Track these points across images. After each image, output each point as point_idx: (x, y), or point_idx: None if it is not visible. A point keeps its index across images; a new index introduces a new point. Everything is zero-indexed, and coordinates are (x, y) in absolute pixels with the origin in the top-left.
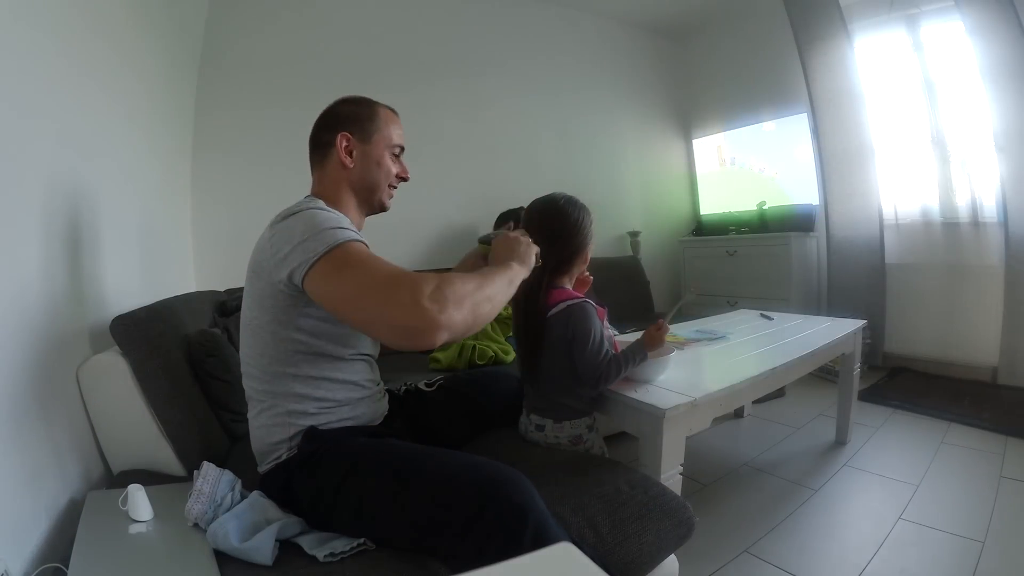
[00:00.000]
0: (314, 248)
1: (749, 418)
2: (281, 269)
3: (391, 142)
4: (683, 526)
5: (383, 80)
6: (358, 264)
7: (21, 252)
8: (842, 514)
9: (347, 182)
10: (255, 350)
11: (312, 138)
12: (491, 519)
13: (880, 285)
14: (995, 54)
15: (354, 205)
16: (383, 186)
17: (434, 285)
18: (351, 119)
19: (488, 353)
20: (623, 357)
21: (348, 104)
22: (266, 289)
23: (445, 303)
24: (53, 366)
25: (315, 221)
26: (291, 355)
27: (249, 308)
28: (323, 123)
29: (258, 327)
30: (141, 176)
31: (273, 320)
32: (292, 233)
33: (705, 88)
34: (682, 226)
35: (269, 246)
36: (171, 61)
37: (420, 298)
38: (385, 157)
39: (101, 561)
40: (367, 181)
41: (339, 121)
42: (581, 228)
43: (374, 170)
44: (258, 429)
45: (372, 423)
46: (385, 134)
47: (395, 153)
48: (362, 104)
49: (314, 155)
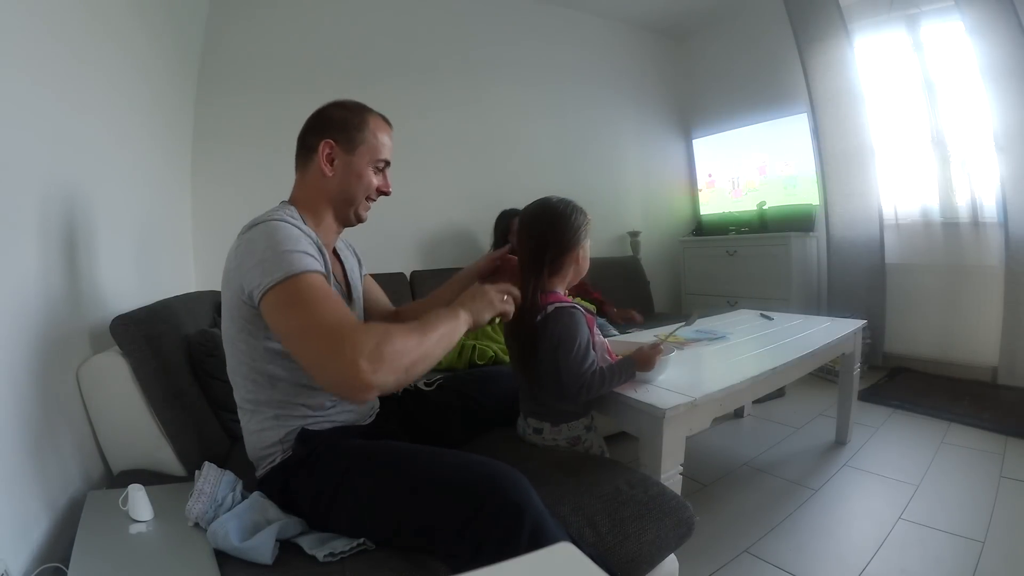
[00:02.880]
0: (270, 272)
1: (749, 418)
2: (243, 282)
3: (377, 155)
4: (683, 526)
5: (383, 79)
6: (309, 301)
7: (21, 252)
8: (842, 514)
9: (325, 191)
10: (234, 359)
11: (299, 137)
12: (487, 517)
13: (880, 285)
14: (995, 54)
15: (330, 215)
16: (360, 199)
17: (373, 344)
18: (339, 126)
19: (488, 353)
20: (610, 371)
21: (340, 108)
22: (232, 300)
23: (380, 364)
24: (53, 366)
25: (276, 238)
26: (266, 364)
27: (224, 318)
28: (311, 125)
29: (231, 338)
30: (141, 176)
31: (242, 330)
32: (254, 246)
33: (705, 88)
34: (682, 226)
35: (235, 256)
36: (171, 58)
37: (357, 357)
38: (367, 170)
39: (101, 561)
40: (345, 193)
41: (326, 126)
42: (570, 226)
43: (353, 183)
44: (250, 435)
45: (363, 421)
46: (372, 145)
47: (379, 167)
48: (354, 111)
49: (299, 156)
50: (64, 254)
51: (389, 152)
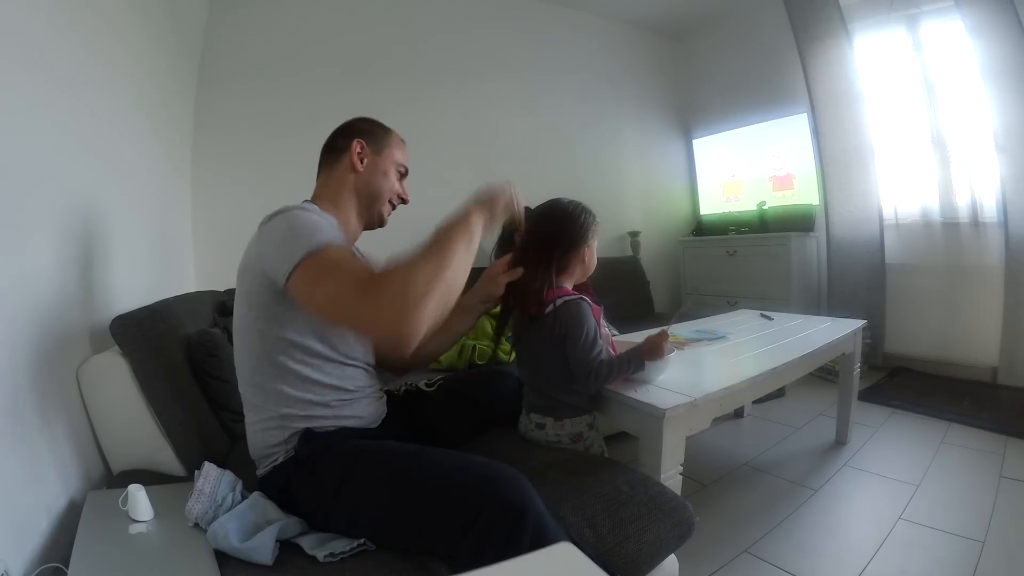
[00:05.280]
0: (292, 251)
1: (749, 418)
2: (265, 268)
3: (399, 161)
4: (683, 526)
5: (384, 78)
6: (334, 269)
7: (21, 252)
8: (842, 514)
9: (353, 185)
10: (244, 350)
11: (327, 144)
12: (489, 519)
13: (880, 285)
14: (995, 54)
15: (355, 210)
16: (385, 198)
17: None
18: (367, 132)
19: (488, 353)
20: (619, 360)
21: (365, 122)
22: (253, 286)
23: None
24: (53, 366)
25: (297, 223)
26: (279, 354)
27: (238, 308)
28: (340, 131)
29: (245, 325)
30: (141, 176)
31: (260, 317)
32: (274, 232)
33: (705, 88)
34: (682, 226)
35: (255, 245)
36: (172, 56)
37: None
38: (392, 172)
39: (101, 561)
40: (372, 187)
41: (356, 131)
42: (579, 225)
43: (381, 179)
44: (254, 434)
45: (370, 426)
46: (395, 152)
47: (400, 172)
48: (377, 124)
49: (325, 158)
50: (65, 254)
51: (407, 162)
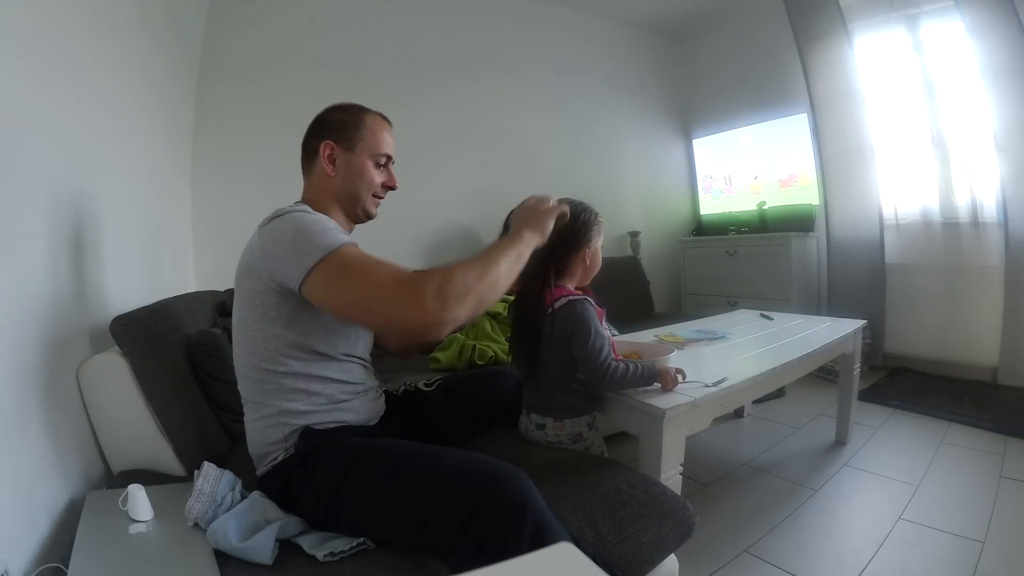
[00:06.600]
0: (308, 253)
1: (749, 418)
2: (273, 270)
3: (376, 151)
4: (683, 526)
5: (384, 77)
6: (358, 269)
7: (21, 252)
8: (842, 514)
9: (330, 191)
10: (244, 349)
11: (303, 144)
12: (490, 516)
13: (880, 285)
14: (995, 54)
15: (340, 213)
16: (365, 196)
17: (436, 285)
18: (337, 127)
19: (488, 353)
20: (634, 368)
21: (336, 111)
22: (256, 287)
23: (447, 301)
24: (53, 366)
25: (304, 225)
26: (280, 353)
27: (238, 309)
28: (311, 130)
29: (247, 325)
30: (141, 176)
31: (263, 317)
32: (281, 235)
33: (705, 88)
34: (682, 226)
35: (259, 246)
36: (171, 54)
37: (424, 299)
38: (368, 167)
39: (101, 561)
40: (348, 190)
41: (325, 129)
42: (577, 225)
43: (356, 180)
44: (254, 432)
45: (368, 423)
46: (370, 142)
47: (380, 162)
48: (350, 111)
49: (303, 160)
50: (65, 254)
51: (389, 148)
